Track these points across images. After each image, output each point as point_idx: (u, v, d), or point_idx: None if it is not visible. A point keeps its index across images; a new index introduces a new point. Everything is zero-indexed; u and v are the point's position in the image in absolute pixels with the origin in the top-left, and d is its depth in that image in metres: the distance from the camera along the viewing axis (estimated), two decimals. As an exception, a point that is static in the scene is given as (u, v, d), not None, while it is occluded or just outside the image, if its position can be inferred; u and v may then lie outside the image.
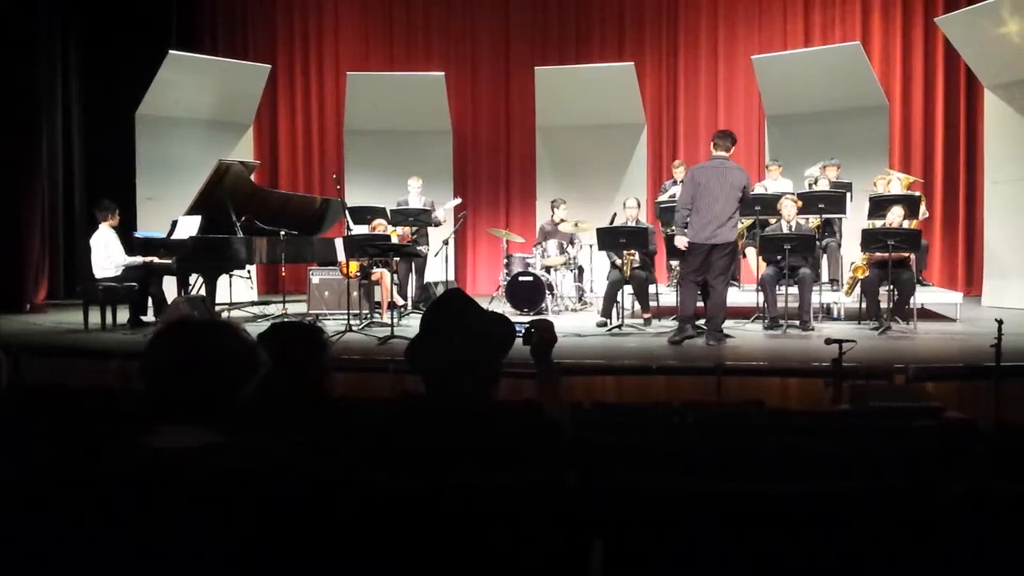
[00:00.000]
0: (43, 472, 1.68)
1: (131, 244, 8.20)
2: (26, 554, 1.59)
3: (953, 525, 1.68)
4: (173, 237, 8.07)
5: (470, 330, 2.10)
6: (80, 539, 1.59)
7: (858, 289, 7.85)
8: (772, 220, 8.01)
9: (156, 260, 8.03)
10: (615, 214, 9.01)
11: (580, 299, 9.58)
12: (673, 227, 7.25)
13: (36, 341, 7.19)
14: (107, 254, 7.89)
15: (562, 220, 9.40)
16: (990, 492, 1.70)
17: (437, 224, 9.47)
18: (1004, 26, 8.65)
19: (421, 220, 9.15)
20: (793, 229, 7.74)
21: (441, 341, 2.09)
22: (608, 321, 7.91)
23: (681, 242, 6.82)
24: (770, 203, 7.95)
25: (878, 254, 7.41)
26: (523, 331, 2.46)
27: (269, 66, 11.31)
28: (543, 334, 2.44)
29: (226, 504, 1.62)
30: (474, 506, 1.70)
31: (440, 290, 9.63)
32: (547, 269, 9.09)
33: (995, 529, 1.67)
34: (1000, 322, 4.73)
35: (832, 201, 8.09)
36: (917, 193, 8.76)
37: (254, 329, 2.10)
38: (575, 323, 8.16)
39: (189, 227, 7.92)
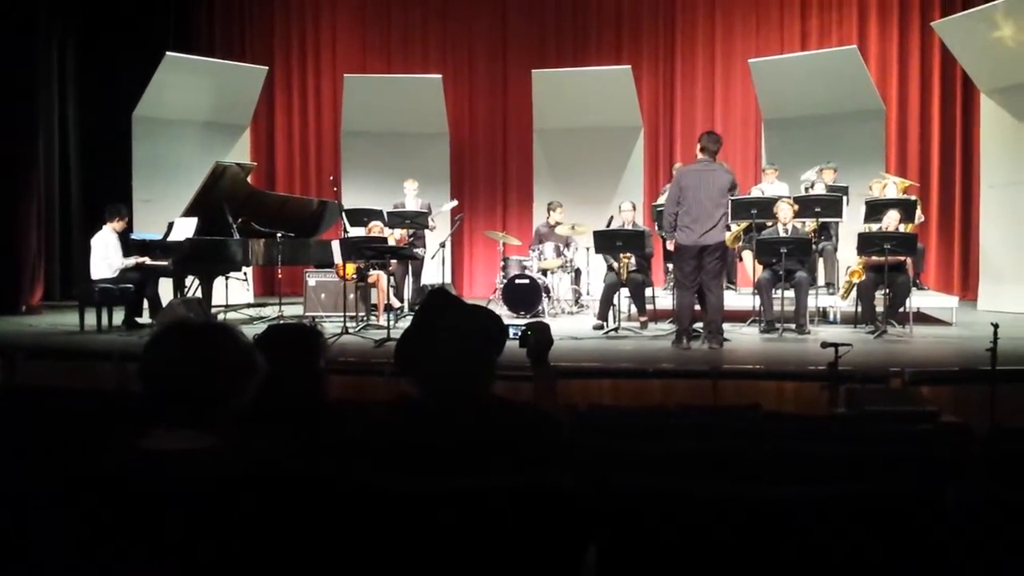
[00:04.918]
0: (38, 474, 1.67)
1: (127, 245, 8.18)
2: (22, 555, 1.58)
3: (949, 529, 1.68)
4: (169, 239, 8.06)
5: (456, 327, 2.09)
6: (75, 541, 1.58)
7: (854, 293, 7.86)
8: (768, 224, 8.01)
9: (148, 261, 8.00)
10: (611, 217, 9.01)
11: (576, 302, 9.57)
12: (663, 231, 7.28)
13: (32, 343, 7.17)
14: (104, 254, 7.87)
15: (559, 223, 9.40)
16: (985, 496, 1.70)
17: (431, 229, 9.48)
18: (1000, 30, 8.67)
19: (418, 223, 9.15)
20: (789, 233, 7.75)
21: (429, 340, 2.08)
22: (604, 324, 7.92)
23: (673, 243, 6.87)
24: (766, 207, 7.95)
25: (874, 258, 7.42)
26: (520, 334, 2.46)
27: (266, 68, 11.31)
28: (539, 336, 2.44)
29: (222, 507, 1.61)
30: (470, 509, 1.70)
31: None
32: (544, 272, 9.08)
33: (991, 533, 1.68)
34: (996, 326, 4.73)
35: (828, 205, 8.10)
36: (913, 197, 8.78)
37: (250, 331, 2.10)
38: (571, 326, 8.17)
39: (185, 229, 7.92)
